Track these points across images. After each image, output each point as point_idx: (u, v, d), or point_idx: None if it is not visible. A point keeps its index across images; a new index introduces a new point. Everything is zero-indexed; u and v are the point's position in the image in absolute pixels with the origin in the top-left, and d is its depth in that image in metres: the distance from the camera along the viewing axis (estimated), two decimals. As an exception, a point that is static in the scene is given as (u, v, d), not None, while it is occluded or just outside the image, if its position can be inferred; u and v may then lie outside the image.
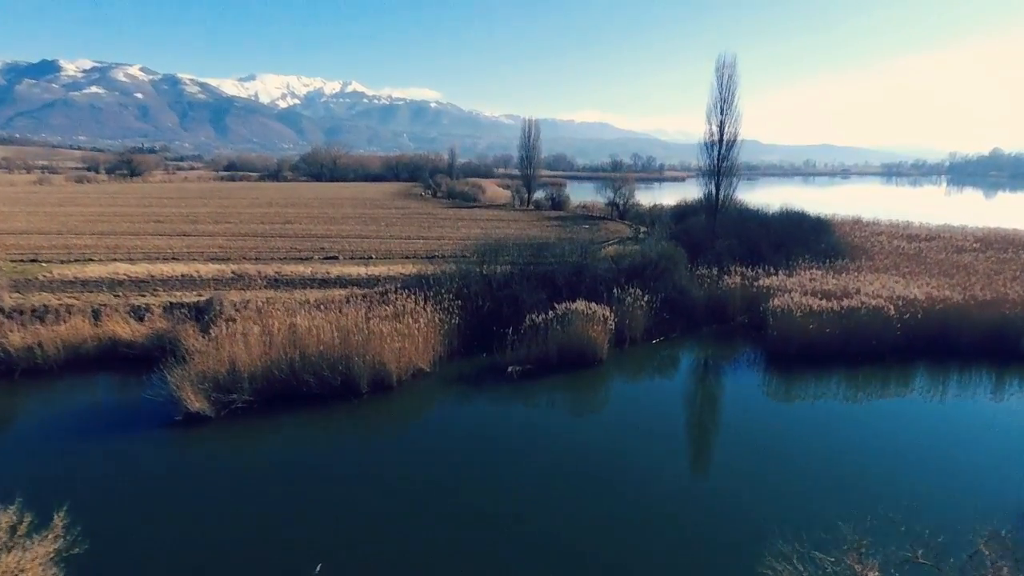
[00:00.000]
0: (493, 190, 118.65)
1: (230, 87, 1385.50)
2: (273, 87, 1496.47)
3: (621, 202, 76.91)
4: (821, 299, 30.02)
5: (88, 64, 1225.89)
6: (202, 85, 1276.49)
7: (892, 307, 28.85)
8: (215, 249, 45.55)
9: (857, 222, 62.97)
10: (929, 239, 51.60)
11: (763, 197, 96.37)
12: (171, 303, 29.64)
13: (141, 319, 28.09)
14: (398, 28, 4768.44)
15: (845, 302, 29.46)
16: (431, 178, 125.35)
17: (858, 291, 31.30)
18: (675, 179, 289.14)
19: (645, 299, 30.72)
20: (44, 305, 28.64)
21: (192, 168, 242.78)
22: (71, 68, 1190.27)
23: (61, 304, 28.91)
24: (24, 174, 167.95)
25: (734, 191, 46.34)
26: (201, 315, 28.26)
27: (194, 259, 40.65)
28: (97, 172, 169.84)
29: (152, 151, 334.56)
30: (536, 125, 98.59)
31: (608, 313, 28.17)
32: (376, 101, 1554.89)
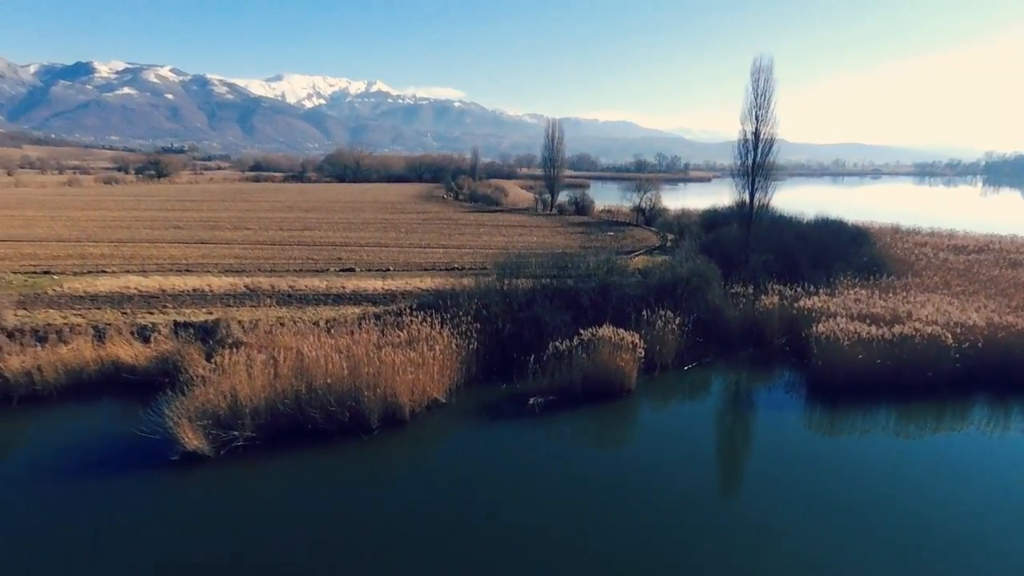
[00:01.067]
0: (516, 192, 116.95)
1: (257, 87, 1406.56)
2: (299, 87, 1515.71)
3: (647, 207, 74.44)
4: (869, 325, 27.58)
5: (121, 65, 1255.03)
6: (230, 86, 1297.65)
7: (949, 335, 26.31)
8: (231, 259, 44.57)
9: (896, 230, 59.89)
10: (978, 251, 48.48)
11: (792, 197, 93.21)
12: (178, 322, 28.41)
13: (147, 340, 26.90)
14: (421, 28, 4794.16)
15: (896, 328, 26.97)
16: (453, 180, 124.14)
17: (909, 315, 28.79)
18: (700, 179, 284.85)
19: (676, 321, 28.62)
20: (48, 324, 27.65)
21: (219, 168, 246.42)
22: (104, 69, 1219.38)
23: (66, 323, 27.88)
24: (56, 175, 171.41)
25: (769, 199, 43.55)
26: (208, 336, 26.99)
27: (208, 271, 39.61)
28: (126, 173, 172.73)
29: (181, 151, 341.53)
30: (560, 126, 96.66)
31: (637, 339, 26.12)
32: (400, 101, 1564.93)
